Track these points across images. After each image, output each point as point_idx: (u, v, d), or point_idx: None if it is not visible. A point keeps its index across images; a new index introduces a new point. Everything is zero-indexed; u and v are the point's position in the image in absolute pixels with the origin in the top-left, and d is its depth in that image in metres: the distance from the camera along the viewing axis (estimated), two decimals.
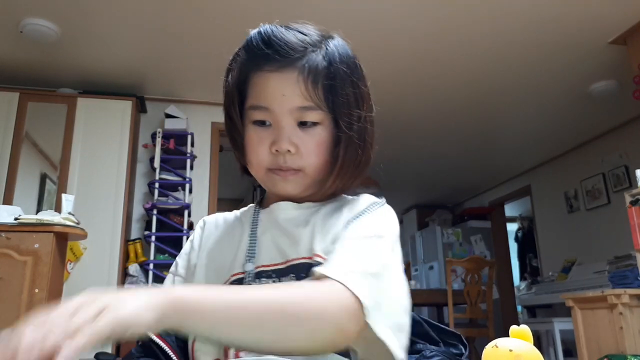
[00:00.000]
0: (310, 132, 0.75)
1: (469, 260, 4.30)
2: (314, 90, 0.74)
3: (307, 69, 0.74)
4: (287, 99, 0.74)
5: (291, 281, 0.72)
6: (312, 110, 0.74)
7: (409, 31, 3.47)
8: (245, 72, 0.78)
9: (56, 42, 3.48)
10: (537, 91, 4.31)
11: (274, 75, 0.74)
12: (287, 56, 0.74)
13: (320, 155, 0.76)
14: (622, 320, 3.04)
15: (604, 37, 3.52)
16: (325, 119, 0.76)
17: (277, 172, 0.76)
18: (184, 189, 4.11)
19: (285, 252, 0.76)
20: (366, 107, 0.80)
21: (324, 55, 0.76)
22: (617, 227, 4.75)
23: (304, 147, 0.75)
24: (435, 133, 5.22)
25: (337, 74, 0.75)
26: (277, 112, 0.74)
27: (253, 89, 0.76)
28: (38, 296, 2.43)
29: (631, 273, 3.58)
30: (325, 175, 0.78)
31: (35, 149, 3.87)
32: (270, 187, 0.80)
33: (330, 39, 0.80)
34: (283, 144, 0.74)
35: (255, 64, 0.76)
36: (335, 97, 0.75)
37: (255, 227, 0.81)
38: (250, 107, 0.76)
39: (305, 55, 0.75)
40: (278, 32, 0.75)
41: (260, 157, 0.76)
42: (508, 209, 7.44)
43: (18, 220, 2.53)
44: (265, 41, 0.75)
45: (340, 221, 0.77)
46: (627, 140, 4.89)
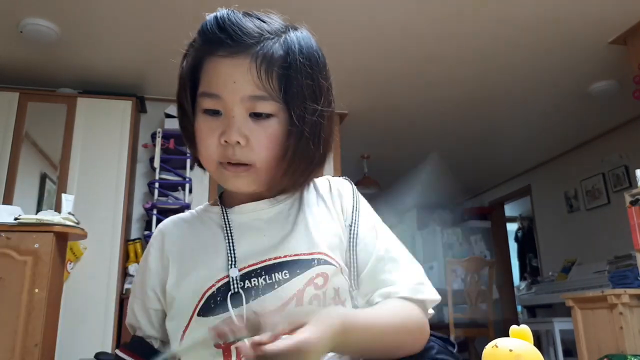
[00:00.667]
0: (263, 124, 0.71)
1: (469, 260, 4.31)
2: (267, 79, 0.70)
3: (260, 56, 0.70)
4: (238, 87, 0.70)
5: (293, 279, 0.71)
6: (265, 100, 0.70)
7: (409, 32, 3.46)
8: (198, 58, 0.74)
9: (56, 42, 3.48)
10: (537, 91, 4.31)
11: (226, 61, 0.70)
12: (240, 42, 0.70)
13: (272, 149, 0.72)
14: (622, 320, 3.04)
15: (604, 37, 3.52)
16: (280, 111, 0.71)
17: (227, 168, 0.72)
18: (183, 189, 4.11)
19: (273, 248, 0.74)
20: (324, 101, 0.74)
21: (282, 43, 0.72)
22: (617, 227, 4.75)
23: (255, 140, 0.70)
24: (435, 133, 5.21)
25: (293, 64, 0.71)
26: (227, 101, 0.70)
27: (205, 75, 0.72)
28: (38, 296, 2.43)
29: (631, 273, 3.58)
30: (278, 171, 0.74)
31: (35, 149, 3.87)
32: (222, 182, 0.76)
33: (294, 29, 0.76)
34: (232, 134, 0.69)
35: (209, 49, 0.72)
36: (289, 87, 0.71)
37: (230, 230, 0.77)
38: (200, 94, 0.72)
39: (261, 42, 0.71)
40: (234, 17, 0.72)
41: (209, 148, 0.72)
42: (508, 209, 7.44)
43: (18, 220, 2.53)
44: (219, 25, 0.71)
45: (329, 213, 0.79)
46: (627, 140, 4.89)
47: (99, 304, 3.53)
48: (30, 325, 2.38)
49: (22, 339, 2.36)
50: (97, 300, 3.54)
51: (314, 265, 0.72)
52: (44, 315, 2.41)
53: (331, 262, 0.73)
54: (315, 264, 0.72)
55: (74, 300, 3.42)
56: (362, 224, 0.79)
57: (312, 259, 0.72)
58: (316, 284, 0.71)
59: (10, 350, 2.33)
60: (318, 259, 0.73)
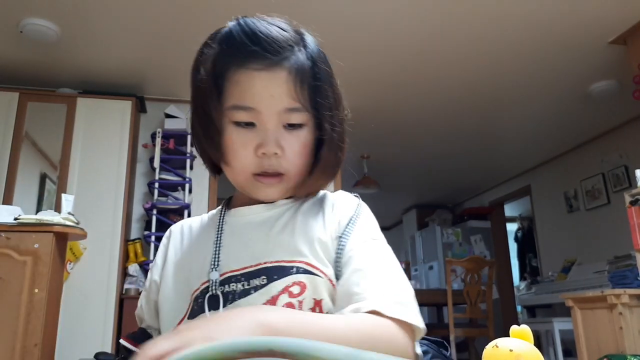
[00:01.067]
0: (295, 134, 0.72)
1: (469, 260, 4.30)
2: (302, 92, 0.71)
3: (295, 69, 0.70)
4: (275, 100, 0.70)
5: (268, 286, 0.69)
6: (299, 111, 0.71)
7: (408, 32, 3.47)
8: (222, 67, 0.72)
9: (56, 42, 3.48)
10: (537, 91, 4.32)
11: (262, 75, 0.70)
12: (276, 55, 0.70)
13: (304, 157, 0.74)
14: (621, 320, 3.04)
15: (604, 37, 3.52)
16: (309, 120, 0.73)
17: (261, 179, 0.73)
18: (183, 189, 4.11)
19: (257, 254, 0.73)
20: (342, 108, 0.77)
21: (308, 55, 0.73)
22: (617, 227, 4.76)
23: (290, 149, 0.72)
24: (435, 133, 5.22)
25: (322, 75, 0.73)
26: (264, 114, 0.70)
27: (235, 87, 0.71)
28: (38, 296, 2.43)
29: (631, 273, 3.58)
30: (304, 177, 0.75)
31: (35, 149, 3.87)
32: (250, 192, 0.76)
33: (302, 34, 0.76)
34: (271, 147, 0.70)
35: (238, 60, 0.71)
36: (320, 98, 0.72)
37: (220, 234, 0.77)
38: (232, 107, 0.71)
39: (293, 54, 0.71)
40: (263, 26, 0.71)
41: (244, 160, 0.72)
42: (508, 209, 7.45)
43: (18, 220, 2.53)
44: (249, 36, 0.70)
45: (324, 223, 0.76)
46: (627, 140, 4.90)
47: (99, 304, 3.54)
48: (30, 325, 2.38)
49: (22, 339, 2.36)
50: (97, 300, 3.54)
51: (292, 272, 0.71)
52: (43, 315, 2.41)
53: (313, 271, 0.71)
54: (294, 271, 0.71)
55: (74, 300, 3.43)
56: (353, 237, 0.74)
57: (292, 267, 0.71)
58: (291, 292, 0.70)
59: (10, 350, 2.33)
60: (298, 267, 0.71)
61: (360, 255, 0.71)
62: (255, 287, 0.70)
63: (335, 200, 0.81)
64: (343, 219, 0.77)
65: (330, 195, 0.83)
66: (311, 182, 0.76)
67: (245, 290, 0.71)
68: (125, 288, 3.76)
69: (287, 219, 0.77)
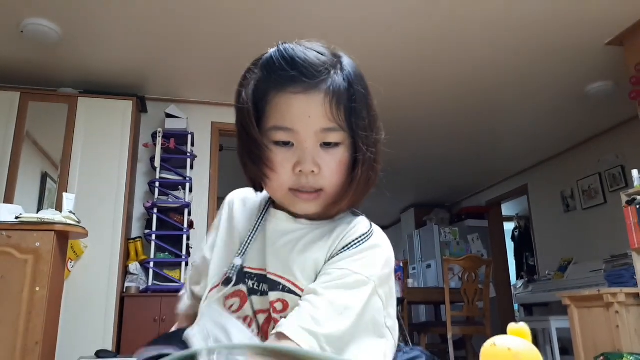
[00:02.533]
0: (331, 152, 0.75)
1: (466, 259, 4.32)
2: (338, 112, 0.74)
3: (332, 91, 0.74)
4: (312, 121, 0.74)
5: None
6: (335, 131, 0.74)
7: (406, 33, 3.48)
8: (263, 91, 0.76)
9: (57, 42, 3.49)
10: (534, 92, 4.33)
11: (300, 97, 0.74)
12: (313, 78, 0.73)
13: (341, 175, 0.76)
14: (618, 318, 3.06)
15: (600, 38, 3.54)
16: (345, 140, 0.76)
17: (298, 195, 0.76)
18: (184, 188, 4.12)
19: (266, 261, 0.78)
20: (378, 128, 0.81)
21: (344, 77, 0.76)
22: (613, 226, 4.78)
23: (327, 168, 0.75)
24: (432, 133, 5.23)
25: (358, 96, 0.76)
26: (302, 134, 0.74)
27: (275, 110, 0.75)
28: (39, 294, 2.43)
29: (627, 272, 3.61)
30: (342, 194, 0.78)
31: (36, 148, 3.88)
32: (288, 205, 0.79)
33: (340, 57, 0.79)
34: (308, 165, 0.74)
35: (278, 84, 0.75)
36: (356, 119, 0.76)
37: (258, 225, 0.83)
38: (272, 128, 0.75)
39: (329, 77, 0.75)
40: (300, 52, 0.75)
41: (282, 177, 0.76)
42: (505, 208, 7.46)
43: (19, 219, 2.54)
44: (288, 62, 0.74)
45: (328, 245, 0.77)
46: (623, 141, 4.92)
47: (100, 302, 3.54)
48: (31, 324, 2.39)
49: (23, 337, 2.36)
50: (98, 299, 3.55)
51: (279, 289, 0.75)
52: (44, 314, 2.42)
53: (297, 292, 0.74)
54: (280, 288, 0.75)
55: (75, 299, 3.43)
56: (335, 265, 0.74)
57: (279, 283, 0.76)
58: (275, 308, 0.75)
59: (11, 348, 2.34)
60: (284, 285, 0.75)
61: (320, 283, 0.71)
62: (261, 292, 0.77)
63: (349, 226, 0.81)
64: (341, 244, 0.77)
65: (351, 221, 0.82)
66: (343, 200, 0.78)
67: (253, 290, 0.78)
68: (126, 286, 3.77)
69: (296, 237, 0.80)
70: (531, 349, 0.41)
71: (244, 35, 3.46)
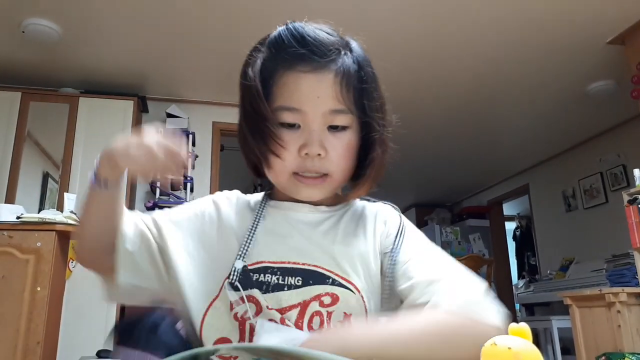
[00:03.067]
0: (339, 136, 0.73)
1: (468, 259, 4.31)
2: (347, 94, 0.72)
3: (342, 72, 0.72)
4: (321, 102, 0.71)
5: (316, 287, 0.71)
6: (344, 113, 0.72)
7: (406, 31, 3.48)
8: (270, 70, 0.73)
9: (58, 42, 3.49)
10: (536, 91, 4.33)
11: (309, 76, 0.71)
12: (323, 57, 0.71)
13: (348, 160, 0.74)
14: (619, 318, 3.06)
15: (602, 37, 3.54)
16: (353, 123, 0.74)
17: (302, 180, 0.73)
18: (185, 187, 4.13)
19: (297, 253, 0.74)
20: (387, 111, 0.79)
21: (354, 58, 0.75)
22: (615, 226, 4.77)
23: (334, 151, 0.73)
24: (433, 132, 5.23)
25: (368, 78, 0.75)
26: (309, 115, 0.71)
27: (283, 89, 0.72)
28: (40, 294, 2.44)
29: (629, 272, 3.60)
30: (347, 180, 0.76)
31: (37, 148, 3.88)
32: (291, 192, 0.76)
33: (348, 39, 0.78)
34: (314, 147, 0.71)
35: (286, 62, 0.72)
36: (368, 101, 0.74)
37: (257, 223, 0.78)
38: (278, 108, 0.72)
39: (339, 58, 0.73)
40: (310, 30, 0.73)
41: (287, 160, 0.72)
42: (506, 208, 7.45)
43: (20, 218, 2.54)
44: (298, 40, 0.72)
45: (365, 237, 0.76)
46: (625, 140, 4.91)
47: (101, 302, 3.54)
48: (32, 323, 2.39)
49: (24, 337, 2.37)
50: (99, 298, 3.54)
51: (327, 282, 0.71)
52: (46, 314, 2.42)
53: (348, 286, 0.72)
54: (330, 282, 0.71)
55: (76, 299, 3.43)
56: (404, 250, 0.75)
57: (328, 276, 0.72)
58: (322, 302, 0.71)
59: (13, 348, 2.34)
60: (334, 278, 0.72)
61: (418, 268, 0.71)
62: (289, 285, 0.71)
63: (377, 212, 0.81)
64: (390, 233, 0.78)
65: (371, 207, 0.83)
66: (360, 184, 0.77)
67: (278, 285, 0.71)
68: None
69: (329, 226, 0.77)
70: (532, 349, 0.41)
71: (245, 34, 3.46)
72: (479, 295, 0.68)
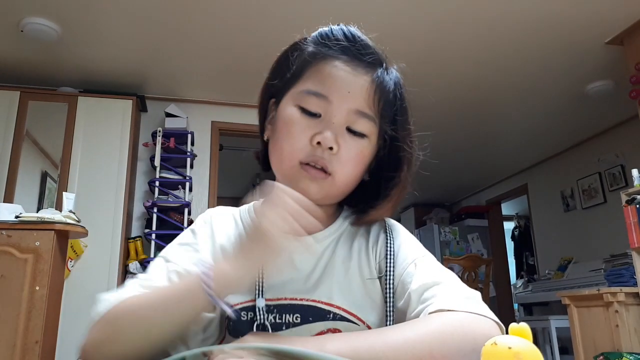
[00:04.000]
0: (356, 140, 0.70)
1: (466, 258, 4.32)
2: (378, 103, 0.71)
3: (378, 81, 0.71)
4: (350, 97, 0.69)
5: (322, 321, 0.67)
6: (368, 119, 0.70)
7: (406, 31, 3.47)
8: (311, 55, 0.72)
9: (57, 41, 3.49)
10: (534, 91, 4.33)
11: (346, 68, 0.70)
12: (367, 58, 0.71)
13: (356, 167, 0.71)
14: (617, 318, 3.06)
15: (600, 37, 3.54)
16: (373, 135, 0.72)
17: (307, 169, 0.69)
18: (184, 187, 4.12)
19: (291, 289, 0.69)
20: (413, 138, 0.77)
21: (391, 77, 0.75)
22: (613, 225, 4.78)
23: (346, 152, 0.69)
24: (433, 132, 5.21)
25: (402, 98, 0.76)
26: (334, 105, 0.69)
27: (315, 73, 0.70)
28: (39, 294, 2.43)
29: (627, 271, 3.60)
30: (349, 189, 0.73)
31: (36, 148, 3.88)
32: (292, 182, 0.69)
33: (391, 62, 0.78)
34: (329, 138, 0.67)
35: (330, 50, 0.71)
36: (400, 115, 0.74)
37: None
38: (305, 91, 0.70)
39: (381, 69, 0.73)
40: (360, 34, 0.73)
41: (297, 144, 0.69)
42: (505, 208, 7.46)
43: (19, 218, 2.53)
44: (347, 36, 0.72)
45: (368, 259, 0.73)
46: (623, 140, 4.92)
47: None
48: (31, 323, 2.38)
49: (22, 337, 2.36)
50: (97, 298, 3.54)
51: (328, 318, 0.67)
52: (44, 313, 2.41)
53: (351, 319, 0.68)
54: (330, 317, 0.67)
55: (75, 298, 3.43)
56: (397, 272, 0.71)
57: (329, 311, 0.67)
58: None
59: (11, 347, 2.33)
60: (335, 313, 0.68)
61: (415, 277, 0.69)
62: (287, 324, 0.67)
63: (371, 231, 0.78)
64: (381, 253, 0.74)
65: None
66: (383, 205, 0.74)
67: (276, 324, 0.67)
68: None
69: (330, 253, 0.74)
70: (532, 349, 0.41)
71: (244, 34, 3.46)
72: (475, 295, 0.66)
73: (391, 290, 0.70)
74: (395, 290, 0.70)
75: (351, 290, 0.70)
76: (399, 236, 0.77)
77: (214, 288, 0.57)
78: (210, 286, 0.57)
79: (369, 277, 0.72)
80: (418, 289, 0.66)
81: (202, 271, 0.58)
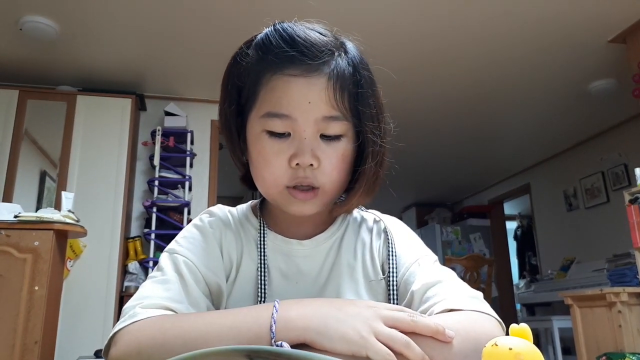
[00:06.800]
0: (333, 145, 0.67)
1: (468, 258, 4.31)
2: (341, 99, 0.66)
3: (335, 75, 0.66)
4: (312, 107, 0.65)
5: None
6: (338, 120, 0.66)
7: (408, 30, 3.47)
8: (257, 73, 0.68)
9: (56, 40, 3.48)
10: (537, 90, 4.32)
11: (299, 80, 0.65)
12: (314, 59, 0.65)
13: (342, 172, 0.69)
14: (620, 318, 3.05)
15: (603, 35, 3.53)
16: (348, 131, 0.68)
17: (295, 194, 0.67)
18: (183, 186, 4.12)
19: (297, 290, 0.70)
20: (384, 119, 0.72)
21: (349, 60, 0.69)
22: (616, 225, 4.76)
23: (327, 162, 0.67)
24: (434, 131, 5.22)
25: (364, 82, 0.69)
26: (300, 122, 0.65)
27: (270, 94, 0.66)
28: (38, 293, 2.43)
29: (630, 271, 3.59)
30: (341, 192, 0.71)
31: (35, 147, 3.87)
32: (282, 205, 0.69)
33: (343, 40, 0.72)
34: (306, 157, 0.65)
35: (274, 65, 0.66)
36: (363, 107, 0.68)
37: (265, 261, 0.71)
38: (266, 115, 0.66)
39: (332, 60, 0.67)
40: (300, 31, 0.67)
41: (277, 172, 0.67)
42: (507, 207, 7.46)
43: (18, 217, 2.53)
44: (286, 40, 0.66)
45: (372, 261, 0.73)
46: (626, 139, 4.90)
47: (99, 301, 3.54)
48: (30, 323, 2.38)
49: (22, 337, 2.36)
50: (96, 298, 3.54)
51: None
52: (43, 313, 2.41)
53: None
54: None
55: (74, 298, 3.43)
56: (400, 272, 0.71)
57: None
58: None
59: (10, 347, 2.33)
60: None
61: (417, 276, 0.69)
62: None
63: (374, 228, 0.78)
64: (382, 253, 0.74)
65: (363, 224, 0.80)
66: (349, 199, 0.72)
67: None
68: (125, 285, 3.76)
69: (333, 260, 0.73)
70: (532, 349, 0.41)
71: (243, 32, 3.43)
72: (478, 294, 0.67)
73: (394, 290, 0.70)
74: (398, 290, 0.70)
75: (357, 292, 0.71)
76: (401, 236, 0.77)
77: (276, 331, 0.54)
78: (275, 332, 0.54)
79: (374, 279, 0.73)
80: (420, 288, 0.67)
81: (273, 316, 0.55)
